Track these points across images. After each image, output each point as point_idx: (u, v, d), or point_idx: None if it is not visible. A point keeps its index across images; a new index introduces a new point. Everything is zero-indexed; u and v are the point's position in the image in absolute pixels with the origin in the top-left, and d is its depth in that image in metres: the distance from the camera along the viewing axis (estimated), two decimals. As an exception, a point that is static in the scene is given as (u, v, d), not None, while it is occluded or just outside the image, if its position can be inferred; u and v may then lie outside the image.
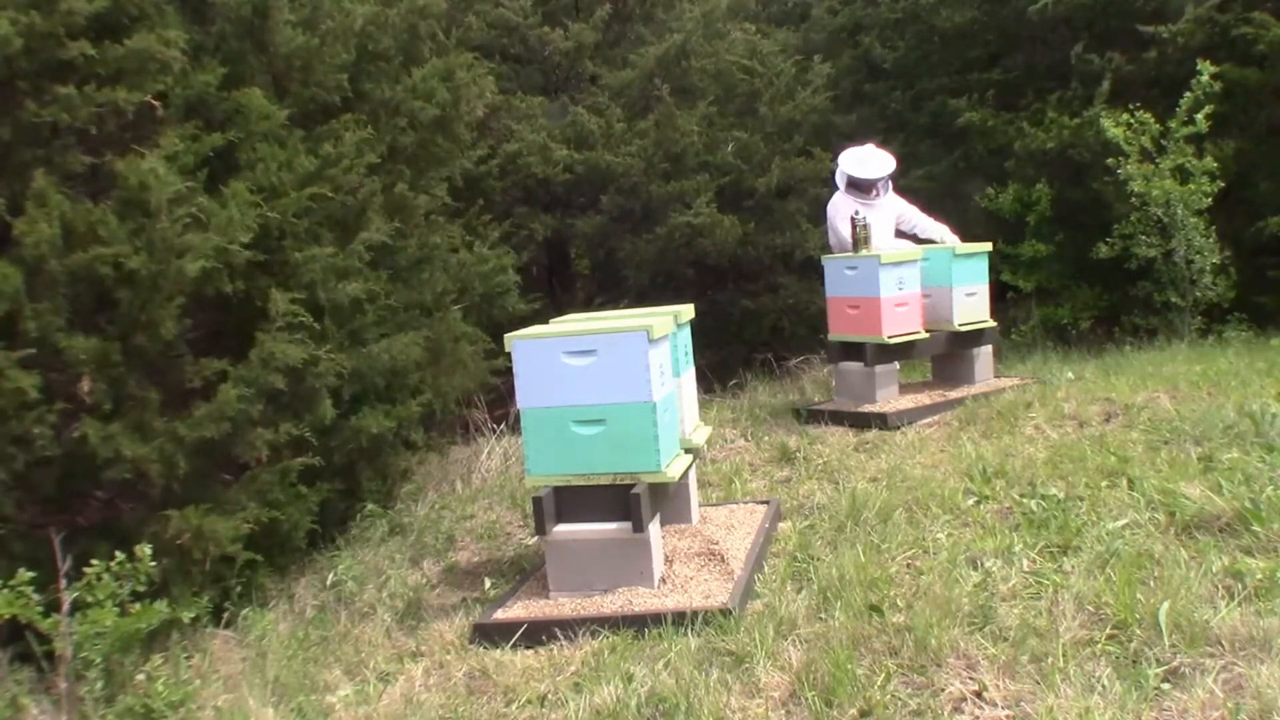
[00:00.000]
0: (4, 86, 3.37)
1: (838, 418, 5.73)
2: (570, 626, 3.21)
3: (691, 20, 8.57)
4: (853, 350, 5.81)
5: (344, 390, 4.35)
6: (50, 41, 3.37)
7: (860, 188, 6.07)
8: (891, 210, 6.20)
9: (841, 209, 6.07)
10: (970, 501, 3.92)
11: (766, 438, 5.59)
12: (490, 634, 3.28)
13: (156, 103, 3.65)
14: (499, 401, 6.43)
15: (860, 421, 5.60)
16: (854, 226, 5.80)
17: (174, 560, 3.45)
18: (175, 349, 3.65)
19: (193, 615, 3.37)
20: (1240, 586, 2.77)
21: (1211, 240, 7.21)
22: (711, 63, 8.54)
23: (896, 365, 6.06)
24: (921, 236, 6.34)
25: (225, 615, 3.75)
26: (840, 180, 6.16)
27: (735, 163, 8.26)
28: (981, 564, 3.24)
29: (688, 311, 4.05)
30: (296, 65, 4.35)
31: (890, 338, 5.62)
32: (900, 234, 6.31)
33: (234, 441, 3.71)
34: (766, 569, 3.57)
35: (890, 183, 6.19)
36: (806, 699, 2.54)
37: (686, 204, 7.93)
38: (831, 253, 6.11)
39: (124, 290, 3.42)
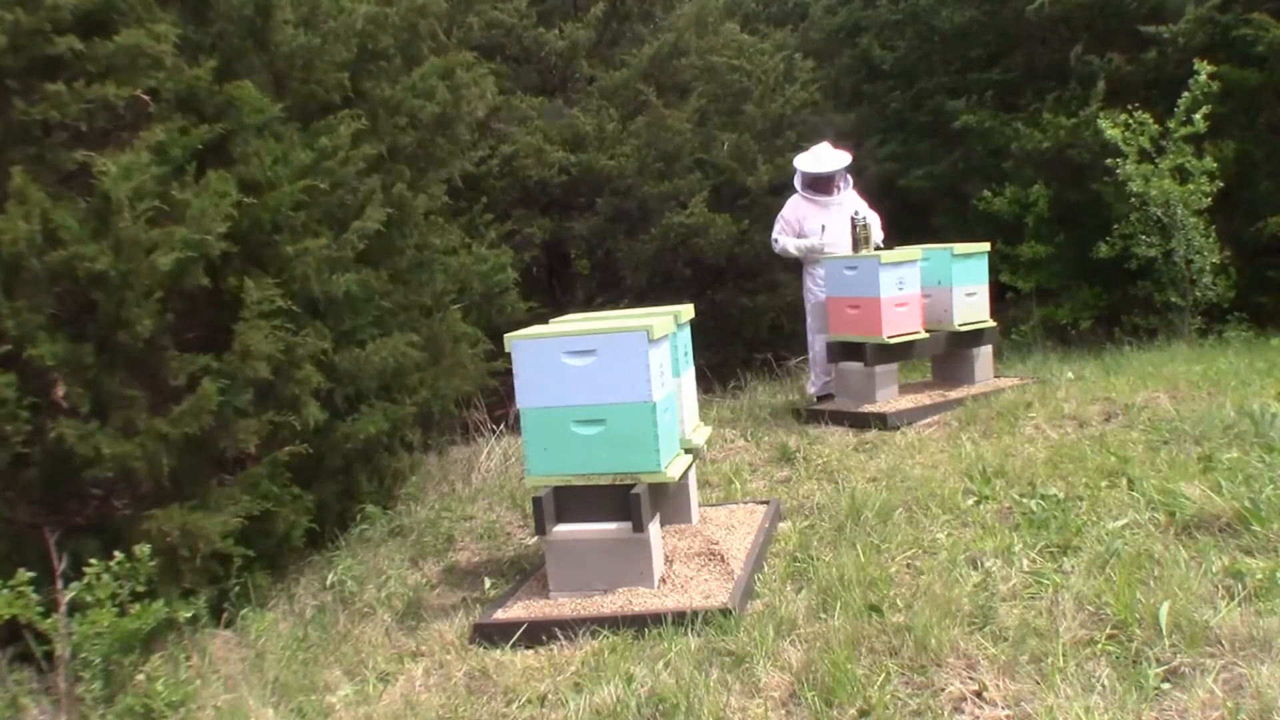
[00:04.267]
0: None
1: (838, 418, 5.73)
2: (570, 626, 3.21)
3: (684, 19, 8.57)
4: (853, 350, 5.81)
5: (336, 394, 4.33)
6: (37, 38, 3.34)
7: (818, 185, 6.05)
8: (854, 208, 6.14)
9: (798, 210, 6.07)
10: (970, 501, 3.91)
11: (766, 438, 5.59)
12: (490, 634, 3.28)
13: (146, 98, 3.62)
14: (498, 402, 6.43)
15: (860, 421, 5.60)
16: (854, 226, 5.81)
17: (163, 559, 3.42)
18: (159, 345, 3.61)
19: (190, 614, 3.36)
20: (1240, 586, 2.77)
21: (1211, 240, 7.22)
22: (703, 60, 8.54)
23: (895, 365, 6.06)
24: None
25: (225, 615, 3.75)
26: (797, 181, 6.14)
27: (729, 162, 8.27)
28: (981, 564, 3.24)
29: (687, 311, 4.05)
30: (297, 64, 4.34)
31: (890, 338, 5.62)
32: None
33: (219, 435, 3.68)
34: (766, 569, 3.57)
35: (849, 179, 6.17)
36: (806, 699, 2.54)
37: (681, 203, 7.93)
38: (774, 251, 6.18)
39: (98, 291, 3.38)
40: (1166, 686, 2.36)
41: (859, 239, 5.80)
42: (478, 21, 7.92)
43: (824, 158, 6.07)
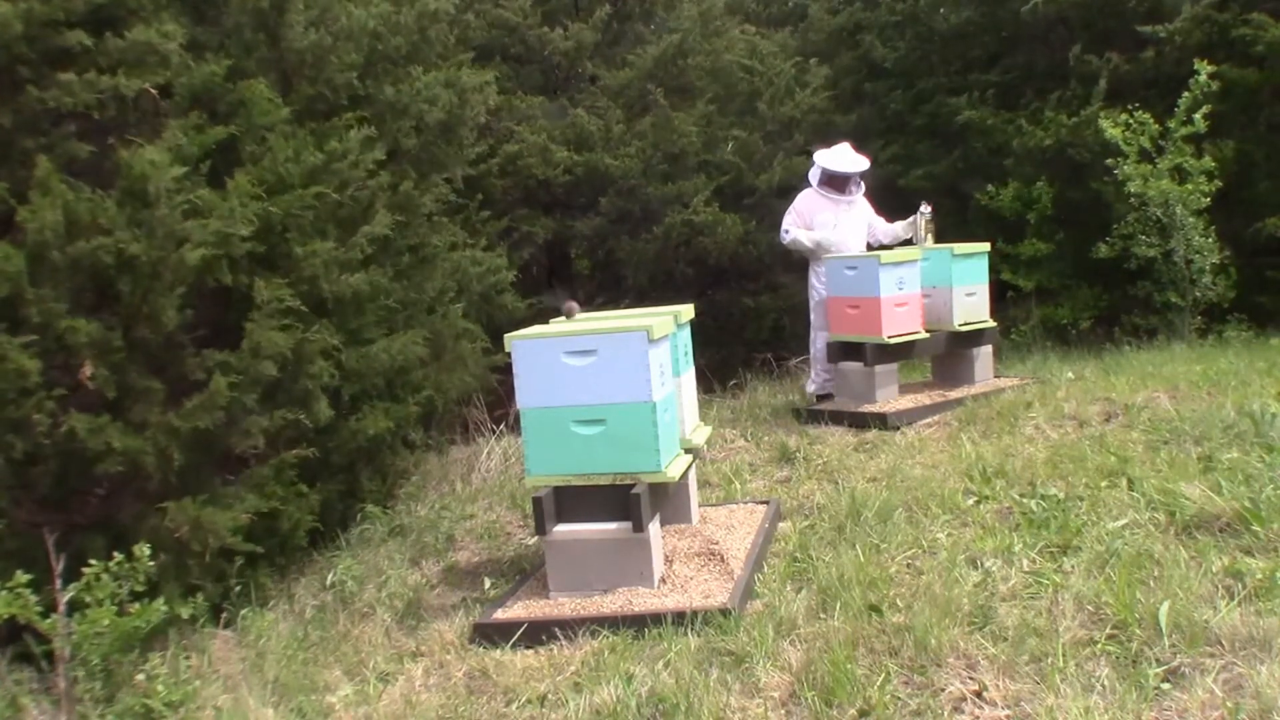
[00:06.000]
0: (6, 72, 3.39)
1: (838, 418, 5.73)
2: (570, 626, 3.21)
3: (689, 20, 8.57)
4: (853, 350, 5.81)
5: (344, 390, 4.34)
6: (50, 30, 3.39)
7: (835, 183, 6.11)
8: (864, 213, 6.25)
9: (811, 205, 6.12)
10: (970, 501, 3.91)
11: (766, 438, 5.58)
12: (490, 634, 3.28)
13: (155, 92, 3.66)
14: (499, 401, 6.43)
15: (860, 421, 5.59)
16: (920, 218, 6.13)
17: (170, 556, 3.43)
18: (177, 340, 3.65)
19: (191, 612, 3.36)
20: (1240, 586, 2.77)
21: (1211, 240, 7.22)
22: (709, 60, 8.54)
23: (895, 365, 6.07)
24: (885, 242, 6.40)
25: (225, 615, 3.75)
26: (814, 176, 6.19)
27: (735, 161, 8.26)
28: (981, 564, 3.24)
29: (688, 311, 4.05)
30: (308, 61, 4.36)
31: (890, 338, 5.62)
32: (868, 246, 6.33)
33: (229, 432, 3.70)
34: (766, 569, 3.57)
35: (862, 185, 6.23)
36: (806, 699, 2.54)
37: (685, 204, 7.93)
38: (783, 244, 6.25)
39: (125, 279, 3.42)
40: (1166, 686, 2.36)
41: (924, 231, 6.08)
42: (478, 20, 7.92)
43: (847, 158, 6.15)
